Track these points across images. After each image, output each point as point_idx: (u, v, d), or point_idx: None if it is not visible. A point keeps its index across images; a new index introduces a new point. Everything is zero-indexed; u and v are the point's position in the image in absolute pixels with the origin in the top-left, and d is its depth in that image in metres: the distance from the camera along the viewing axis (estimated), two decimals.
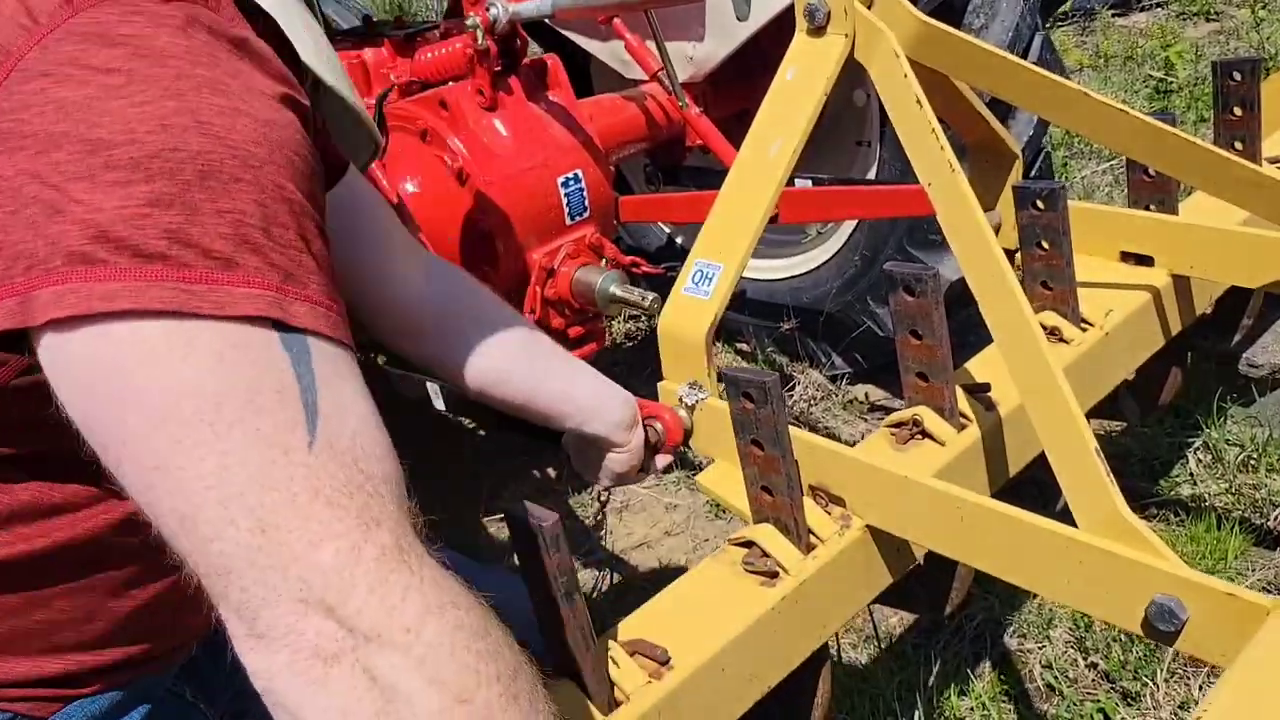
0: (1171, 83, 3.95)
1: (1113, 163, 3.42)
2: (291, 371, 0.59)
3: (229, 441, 0.57)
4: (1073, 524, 1.01)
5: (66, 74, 0.59)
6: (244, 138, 0.60)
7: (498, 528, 2.18)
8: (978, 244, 1.19)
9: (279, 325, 0.59)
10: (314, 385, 0.59)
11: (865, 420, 2.41)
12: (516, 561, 0.91)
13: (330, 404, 0.59)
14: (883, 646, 1.80)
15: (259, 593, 0.56)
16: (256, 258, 0.59)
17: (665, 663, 0.95)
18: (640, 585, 1.98)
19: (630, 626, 1.01)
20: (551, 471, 2.34)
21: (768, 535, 1.10)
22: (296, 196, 0.62)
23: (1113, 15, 4.87)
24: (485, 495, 2.25)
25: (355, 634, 0.56)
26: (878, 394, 2.47)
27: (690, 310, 1.30)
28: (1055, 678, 1.71)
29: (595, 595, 1.94)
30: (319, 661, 0.55)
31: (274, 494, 0.56)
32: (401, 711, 0.55)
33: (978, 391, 1.30)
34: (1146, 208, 1.63)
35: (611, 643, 0.95)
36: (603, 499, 2.16)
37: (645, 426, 1.26)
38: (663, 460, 1.28)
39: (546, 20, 1.95)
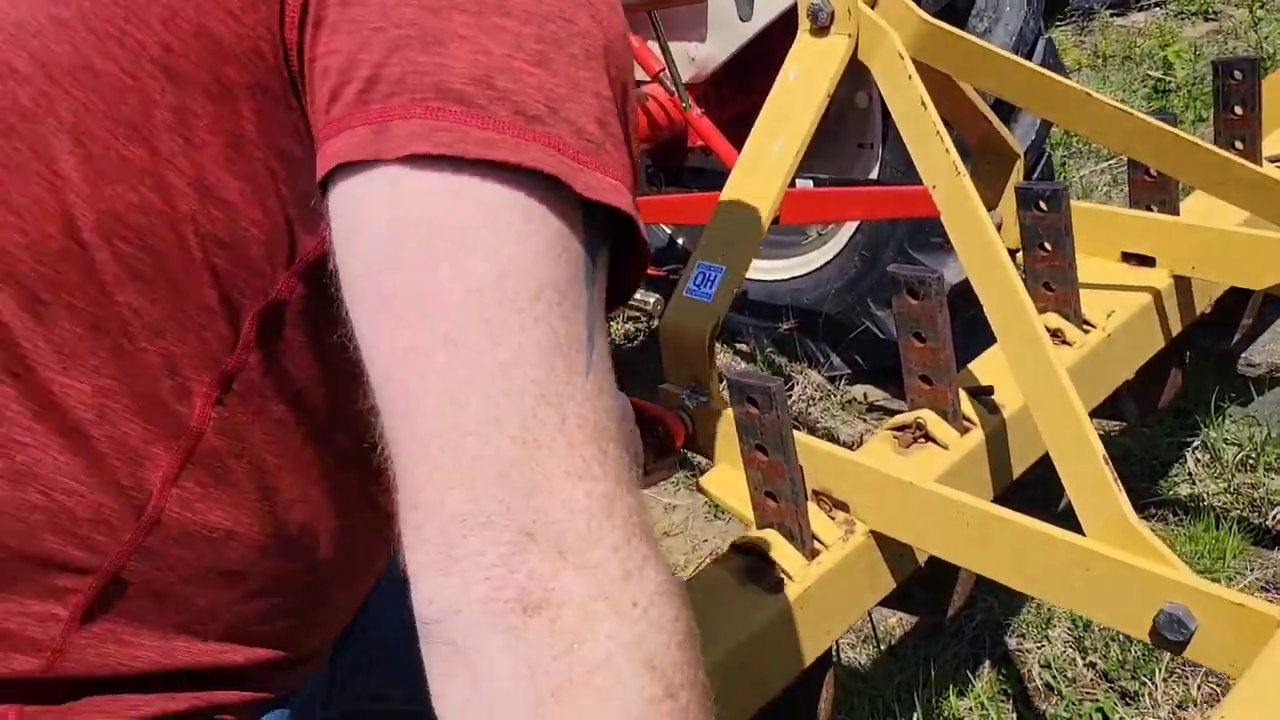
0: (1170, 82, 3.95)
1: (1110, 162, 3.42)
2: (591, 286, 0.53)
3: (530, 335, 0.49)
4: (1077, 526, 1.01)
5: None
6: (617, 33, 0.57)
7: None
8: (982, 246, 1.18)
9: (602, 229, 0.53)
10: (595, 307, 0.53)
11: (864, 420, 2.41)
12: None
13: (600, 336, 0.53)
14: (882, 647, 1.80)
15: (487, 509, 0.48)
16: (616, 153, 0.54)
17: None
18: None
19: None
20: None
21: (772, 541, 1.09)
22: (635, 110, 0.59)
23: (1111, 15, 4.87)
24: None
25: (573, 590, 0.48)
26: (876, 394, 2.47)
27: (692, 312, 1.29)
28: (1054, 677, 1.71)
29: None
30: (519, 607, 0.47)
31: (549, 410, 0.49)
32: (609, 690, 0.47)
33: (981, 394, 1.29)
34: (1148, 208, 1.62)
35: None
36: None
37: (645, 429, 1.26)
38: (665, 463, 1.27)
39: None
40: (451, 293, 0.49)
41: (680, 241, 2.70)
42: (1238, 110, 1.71)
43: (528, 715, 0.47)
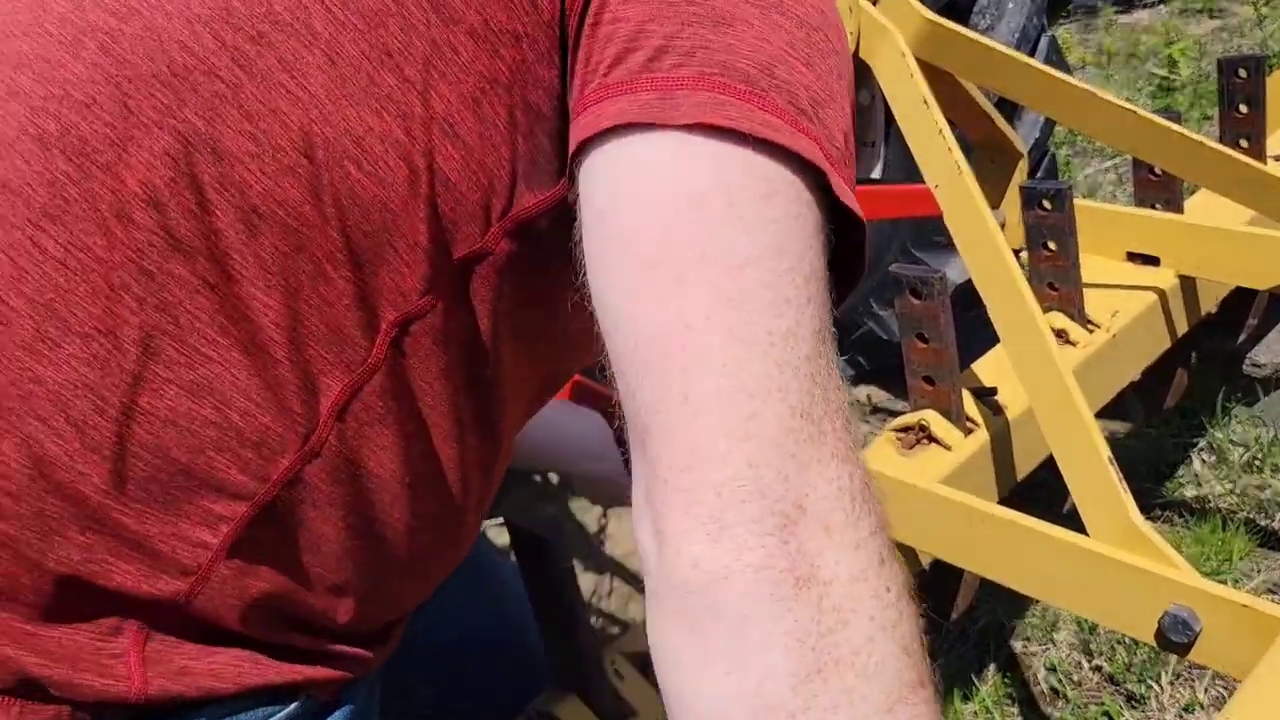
0: (1174, 80, 3.94)
1: (1115, 161, 3.41)
2: (826, 284, 0.54)
3: (805, 313, 0.50)
4: (1082, 529, 1.00)
5: None
6: (848, 58, 0.60)
7: (496, 531, 2.16)
8: (986, 246, 1.17)
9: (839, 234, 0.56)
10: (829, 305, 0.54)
11: (868, 422, 2.40)
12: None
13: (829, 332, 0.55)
14: None
15: (765, 477, 0.47)
16: (851, 169, 0.57)
17: None
18: (642, 590, 1.96)
19: (635, 637, 1.00)
20: (553, 477, 2.33)
21: None
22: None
23: (1115, 12, 4.86)
24: None
25: (840, 569, 0.47)
26: (880, 395, 2.46)
27: None
28: (1059, 681, 1.70)
29: (596, 602, 1.93)
30: (791, 578, 0.46)
31: (818, 390, 0.49)
32: (872, 671, 0.47)
33: (985, 395, 1.29)
34: (1152, 207, 1.62)
35: (618, 655, 0.94)
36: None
37: None
38: None
39: None
40: (733, 257, 0.49)
41: None
42: (1243, 108, 1.70)
43: (795, 688, 0.46)
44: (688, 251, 0.50)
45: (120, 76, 0.55)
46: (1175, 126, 1.42)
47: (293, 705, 0.65)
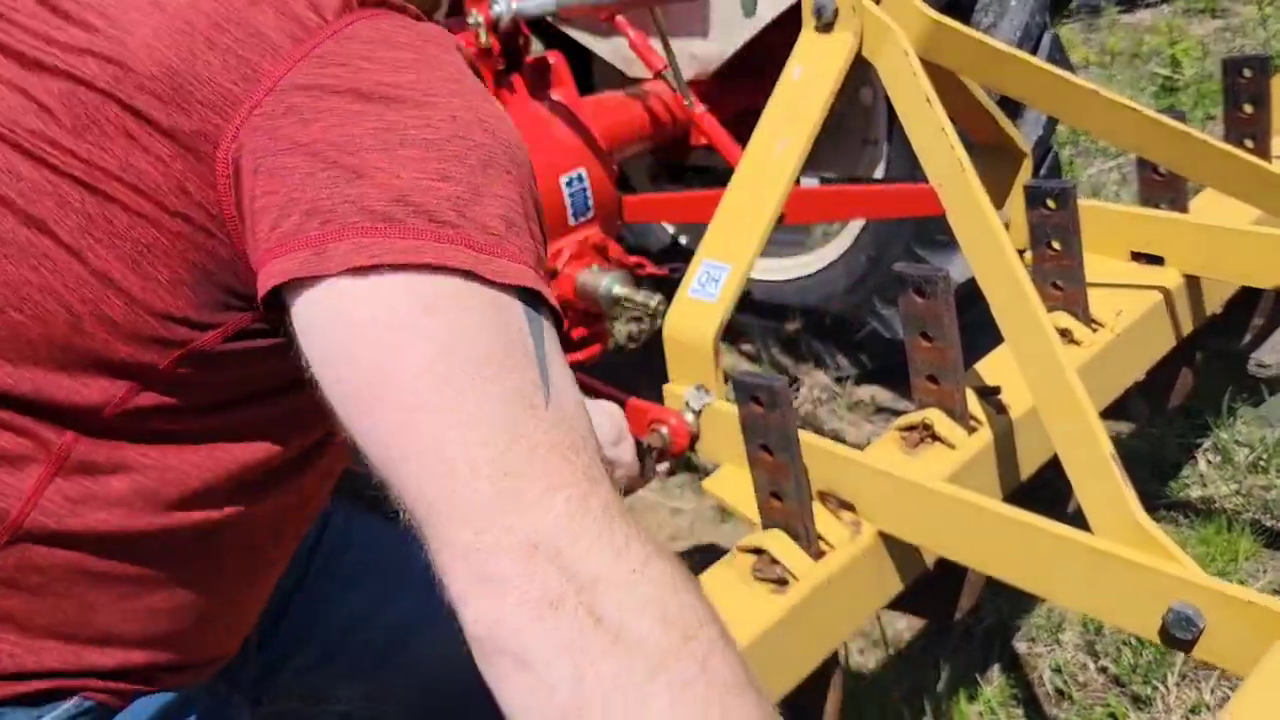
0: (1177, 80, 3.93)
1: (1119, 160, 3.41)
2: (532, 340, 0.64)
3: (489, 390, 0.61)
4: (1086, 527, 1.00)
5: (359, 66, 0.67)
6: (510, 140, 0.68)
7: None
8: (990, 245, 1.17)
9: (527, 298, 0.65)
10: (544, 354, 0.64)
11: (871, 423, 2.40)
12: None
13: (556, 372, 0.65)
14: (890, 651, 1.79)
15: (494, 537, 0.58)
16: (518, 240, 0.66)
17: None
18: None
19: None
20: None
21: (777, 541, 1.08)
22: (537, 195, 0.71)
23: (1119, 12, 4.85)
24: None
25: (580, 577, 0.58)
26: (884, 395, 2.45)
27: (696, 313, 1.28)
28: (1065, 682, 1.69)
29: None
30: (546, 604, 0.57)
31: (520, 443, 0.60)
32: (632, 648, 0.57)
33: (989, 394, 1.28)
34: (1157, 206, 1.61)
35: None
36: None
37: (650, 431, 1.25)
38: (662, 465, 1.26)
39: (548, 18, 1.93)
40: (410, 370, 0.61)
41: (683, 240, 2.69)
42: (1248, 108, 1.70)
43: (577, 686, 0.56)
44: (373, 379, 0.62)
45: None
46: (1181, 126, 1.41)
47: (67, 704, 0.77)
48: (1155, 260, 1.55)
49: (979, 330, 1.47)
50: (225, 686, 0.93)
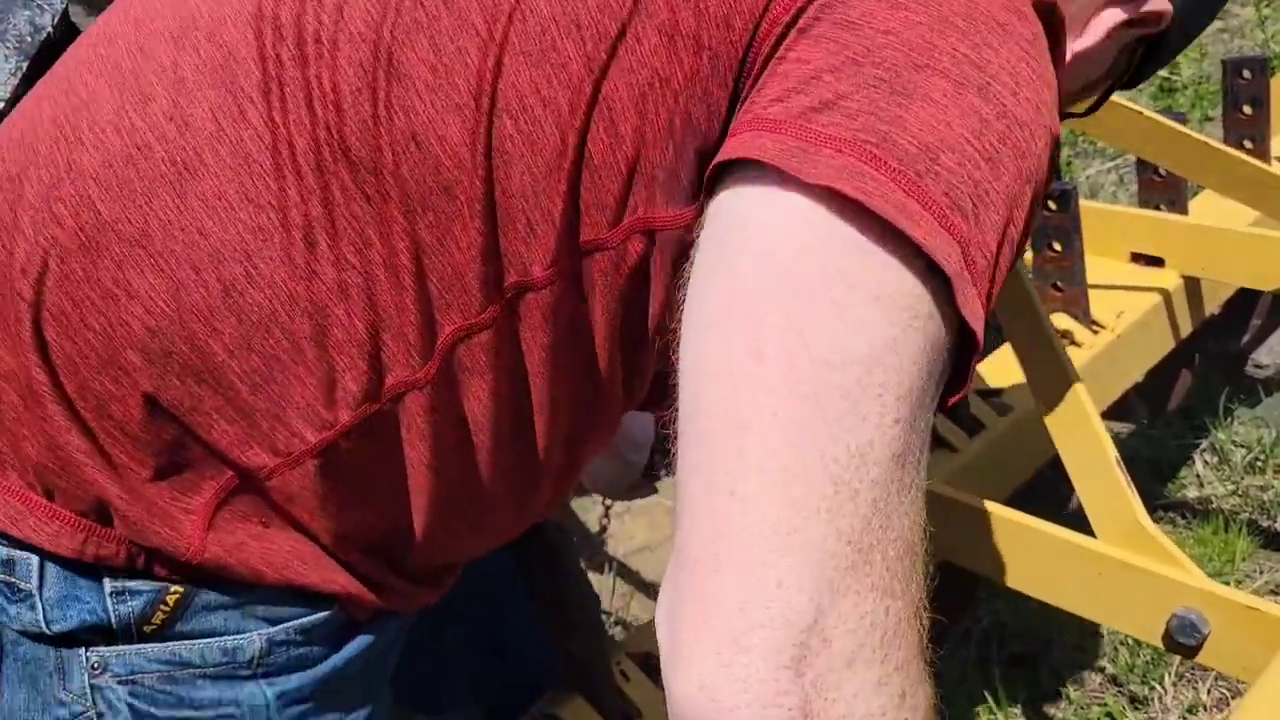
0: (1175, 81, 3.93)
1: (1117, 161, 3.41)
2: (935, 395, 0.51)
3: (885, 434, 0.46)
4: (1087, 528, 1.00)
5: None
6: (1044, 164, 0.53)
7: None
8: None
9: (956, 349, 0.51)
10: (929, 421, 0.51)
11: None
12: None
13: (927, 452, 0.52)
14: None
15: (795, 602, 0.44)
16: (991, 285, 0.51)
17: None
18: (644, 590, 1.96)
19: (640, 638, 0.99)
20: None
21: None
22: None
23: None
24: None
25: (859, 705, 0.46)
26: None
27: None
28: (1062, 682, 1.70)
29: (599, 602, 1.92)
30: (800, 715, 0.44)
31: (879, 517, 0.46)
32: None
33: (990, 395, 1.28)
34: (1157, 208, 1.61)
35: (623, 656, 0.94)
36: (606, 503, 2.14)
37: (662, 431, 1.25)
38: (646, 482, 1.26)
39: None
40: (817, 353, 0.46)
41: None
42: (1247, 109, 1.70)
43: None
44: (773, 325, 0.47)
45: None
46: (1180, 127, 1.42)
47: (324, 613, 0.66)
48: (1155, 261, 1.55)
49: None
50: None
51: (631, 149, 0.56)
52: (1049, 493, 1.32)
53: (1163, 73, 4.02)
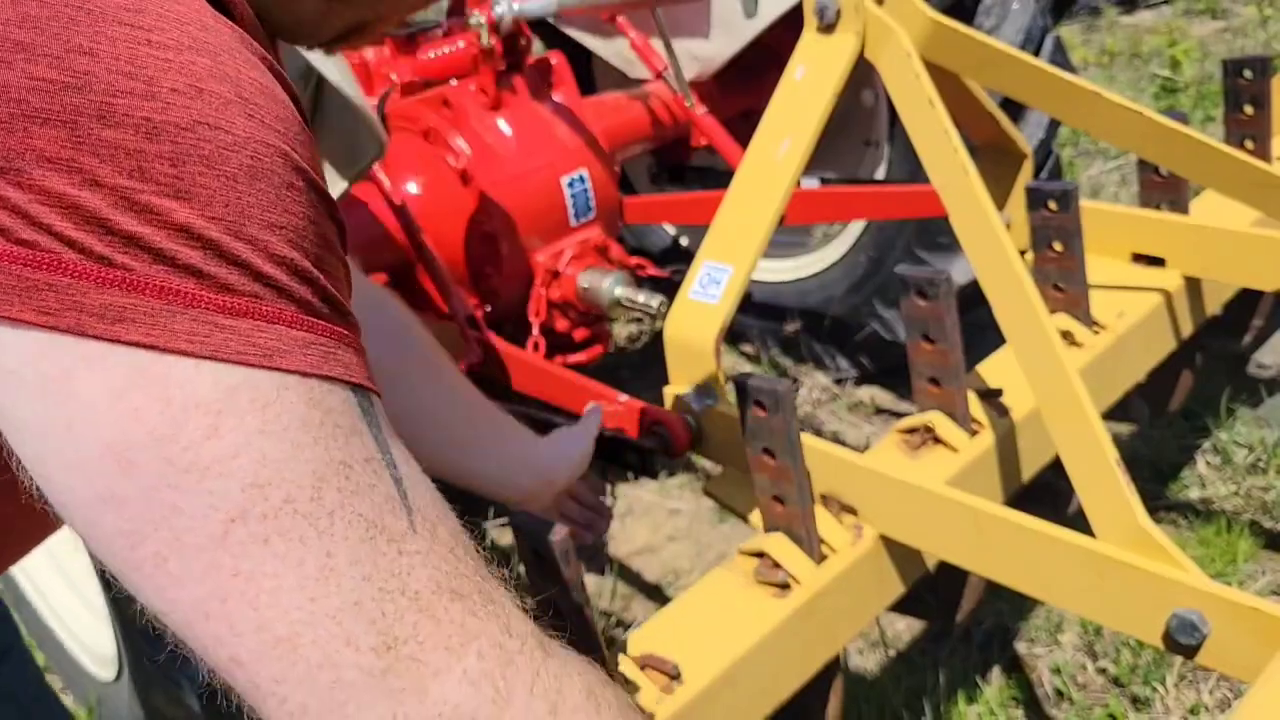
0: (1177, 81, 3.93)
1: (1119, 161, 3.41)
2: (369, 426, 0.45)
3: (333, 535, 0.42)
4: (1088, 529, 1.00)
5: None
6: (294, 131, 0.43)
7: (499, 533, 2.16)
8: (992, 247, 1.17)
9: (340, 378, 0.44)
10: (389, 448, 0.46)
11: (870, 423, 2.40)
12: (523, 571, 0.89)
13: (404, 469, 0.46)
14: (890, 653, 1.78)
15: None
16: (311, 291, 0.43)
17: (676, 677, 0.94)
18: (644, 591, 1.96)
19: (640, 639, 0.99)
20: None
21: (779, 545, 1.08)
22: (335, 212, 0.46)
23: (1119, 13, 4.85)
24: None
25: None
26: (884, 397, 2.45)
27: (697, 315, 1.28)
28: (1064, 683, 1.69)
29: (598, 602, 1.92)
30: None
31: (395, 598, 0.43)
32: None
33: (990, 396, 1.28)
34: (1158, 208, 1.61)
35: (621, 656, 0.94)
36: (607, 504, 2.14)
37: (652, 430, 1.25)
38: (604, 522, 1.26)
39: (549, 19, 1.93)
40: (198, 530, 0.40)
41: (684, 242, 2.68)
42: (1248, 109, 1.70)
43: None
44: (152, 530, 0.42)
45: None
46: (1181, 127, 1.41)
47: None
48: (1156, 262, 1.55)
49: (980, 332, 1.47)
50: None
51: None
52: (1049, 493, 1.32)
53: (1165, 72, 4.02)
